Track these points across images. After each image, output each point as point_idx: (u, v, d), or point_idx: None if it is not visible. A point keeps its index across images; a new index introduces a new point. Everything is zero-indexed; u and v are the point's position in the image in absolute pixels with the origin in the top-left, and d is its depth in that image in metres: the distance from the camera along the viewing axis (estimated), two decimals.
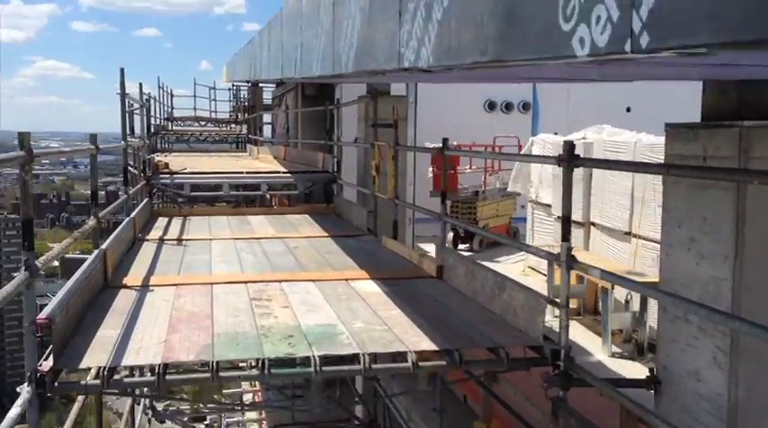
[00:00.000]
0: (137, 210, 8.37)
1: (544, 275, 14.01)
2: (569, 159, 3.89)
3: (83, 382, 3.54)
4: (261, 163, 13.27)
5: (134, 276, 5.66)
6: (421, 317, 4.49)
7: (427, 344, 3.96)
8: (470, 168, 18.90)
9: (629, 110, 21.05)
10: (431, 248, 7.66)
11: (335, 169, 10.89)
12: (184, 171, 10.90)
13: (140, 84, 9.98)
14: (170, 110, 29.38)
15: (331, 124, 16.69)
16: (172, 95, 30.46)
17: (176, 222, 9.30)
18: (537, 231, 14.34)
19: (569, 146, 3.94)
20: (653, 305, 8.74)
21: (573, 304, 10.63)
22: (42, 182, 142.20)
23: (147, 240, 7.66)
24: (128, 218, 7.47)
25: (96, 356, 3.66)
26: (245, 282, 5.47)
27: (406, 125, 9.91)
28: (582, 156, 5.05)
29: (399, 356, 3.85)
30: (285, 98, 20.10)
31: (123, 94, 9.55)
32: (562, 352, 3.65)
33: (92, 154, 5.84)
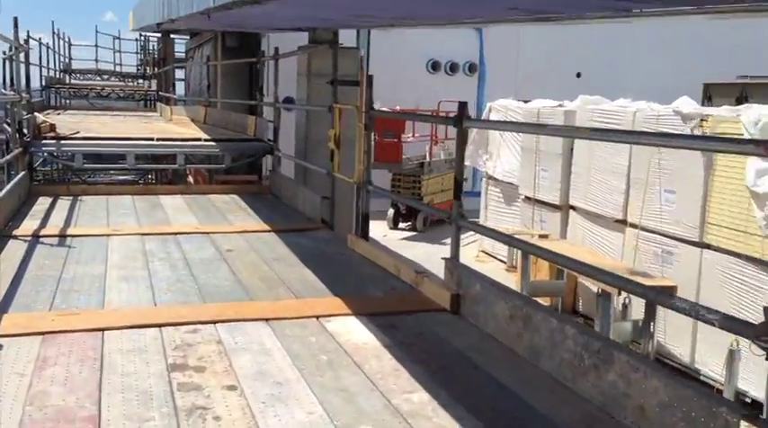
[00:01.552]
0: (5, 190, 6.07)
1: (501, 261, 12.48)
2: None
3: None
4: (176, 127, 10.94)
5: None
6: (472, 414, 2.63)
7: None
8: (413, 136, 17.08)
9: (579, 75, 19.75)
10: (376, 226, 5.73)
11: (272, 137, 8.79)
12: (75, 135, 8.51)
13: (15, 19, 7.52)
14: (67, 61, 26.05)
15: (258, 80, 14.43)
16: (70, 44, 27.10)
17: (62, 205, 7.02)
18: (494, 211, 12.72)
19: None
20: (666, 315, 7.28)
21: (546, 301, 9.08)
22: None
23: (15, 236, 5.41)
24: None
25: None
26: (159, 326, 3.43)
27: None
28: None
29: None
30: (201, 51, 17.54)
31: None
32: None
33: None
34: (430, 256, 12.57)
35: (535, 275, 9.17)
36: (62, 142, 8.11)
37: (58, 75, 22.11)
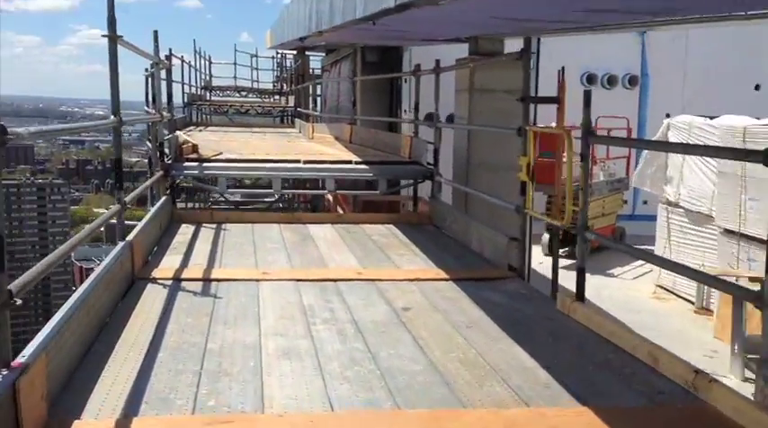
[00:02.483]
0: (141, 224, 5.29)
1: (686, 300, 10.67)
2: None
3: None
4: (320, 146, 10.11)
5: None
6: None
7: None
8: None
9: (758, 88, 17.39)
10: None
11: (431, 160, 7.68)
12: (218, 156, 7.79)
13: (155, 33, 6.96)
14: (208, 78, 26.46)
15: (399, 96, 13.45)
16: (210, 62, 27.56)
17: (205, 236, 6.22)
18: (677, 242, 11.00)
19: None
20: None
21: None
22: (88, 148, 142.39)
23: (155, 279, 4.57)
24: (119, 246, 4.40)
25: None
26: None
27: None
28: None
29: None
30: (339, 67, 16.90)
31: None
32: None
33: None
34: (599, 291, 11.03)
35: (746, 327, 7.50)
36: (205, 165, 7.38)
37: (199, 92, 22.32)
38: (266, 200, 13.55)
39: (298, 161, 7.85)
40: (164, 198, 6.81)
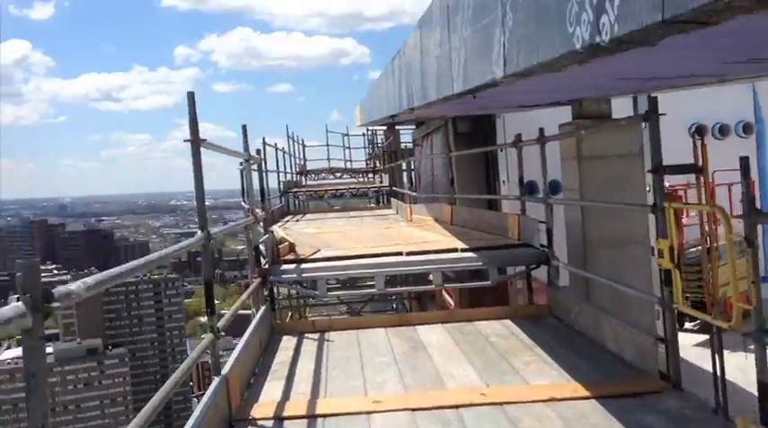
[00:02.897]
0: (238, 349, 4.85)
1: None
2: None
3: None
4: (420, 230, 9.58)
5: None
6: None
7: None
8: (686, 217, 14.32)
9: None
10: None
11: (545, 241, 6.97)
12: (316, 255, 7.38)
13: (243, 128, 6.75)
14: (302, 162, 26.86)
15: (496, 169, 12.85)
16: (304, 146, 28.05)
17: (308, 351, 5.72)
18: None
19: None
20: None
21: None
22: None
23: (253, 422, 4.05)
24: (214, 384, 3.94)
25: None
26: None
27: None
28: None
29: None
30: (430, 140, 16.56)
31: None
32: None
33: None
34: (746, 374, 9.77)
35: None
36: (303, 266, 6.97)
37: (294, 178, 22.57)
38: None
39: (399, 253, 7.33)
40: (262, 309, 6.41)
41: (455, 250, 7.34)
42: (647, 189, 7.90)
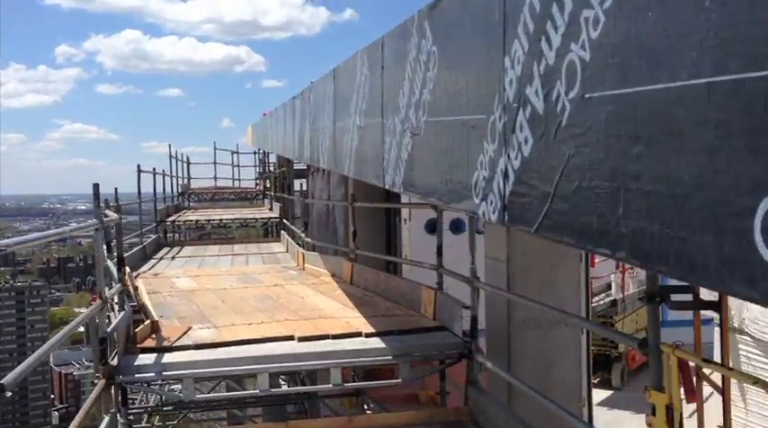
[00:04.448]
0: None
1: None
2: None
3: None
4: (314, 291, 8.18)
5: None
6: None
7: None
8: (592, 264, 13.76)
9: None
10: None
11: (468, 326, 5.77)
12: (182, 338, 5.83)
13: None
14: (186, 181, 24.81)
15: (397, 214, 11.78)
16: (189, 163, 26.01)
17: None
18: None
19: None
20: None
21: None
22: (69, 245, 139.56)
23: None
24: None
25: None
26: None
27: None
28: None
29: None
30: (326, 171, 15.23)
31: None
32: None
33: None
34: None
35: None
36: (166, 360, 5.41)
37: (176, 201, 20.59)
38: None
39: (290, 338, 5.91)
40: (105, 422, 4.81)
41: (359, 335, 6.01)
42: (581, 261, 6.99)
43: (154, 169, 15.88)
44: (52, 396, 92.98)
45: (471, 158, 2.59)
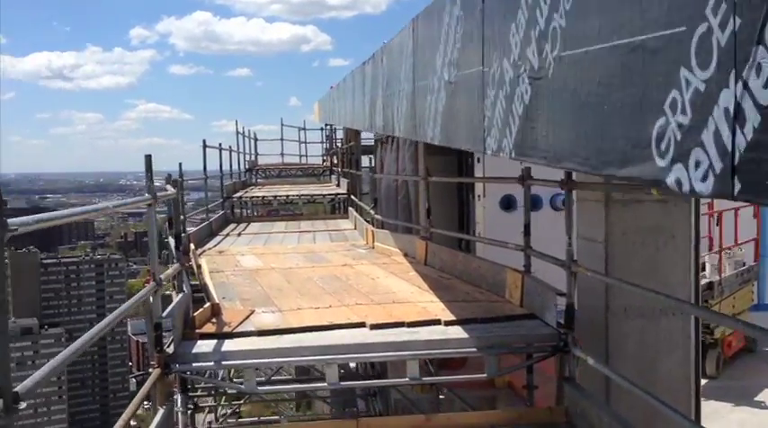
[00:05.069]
0: None
1: None
2: None
3: None
4: (386, 273, 7.58)
5: None
6: None
7: None
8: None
9: None
10: None
11: (565, 318, 5.04)
12: (244, 323, 5.32)
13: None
14: (253, 157, 24.60)
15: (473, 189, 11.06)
16: (256, 140, 25.81)
17: None
18: None
19: None
20: None
21: None
22: (144, 220, 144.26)
23: None
24: None
25: None
26: None
27: None
28: None
29: None
30: (395, 143, 14.56)
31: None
32: None
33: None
34: None
35: None
36: (225, 348, 4.90)
37: (243, 177, 20.37)
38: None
39: (361, 324, 5.33)
40: (160, 415, 4.36)
41: (437, 322, 5.37)
42: (692, 242, 6.14)
43: (220, 144, 15.57)
44: (130, 363, 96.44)
45: (650, 99, 1.83)
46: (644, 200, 5.69)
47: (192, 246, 9.78)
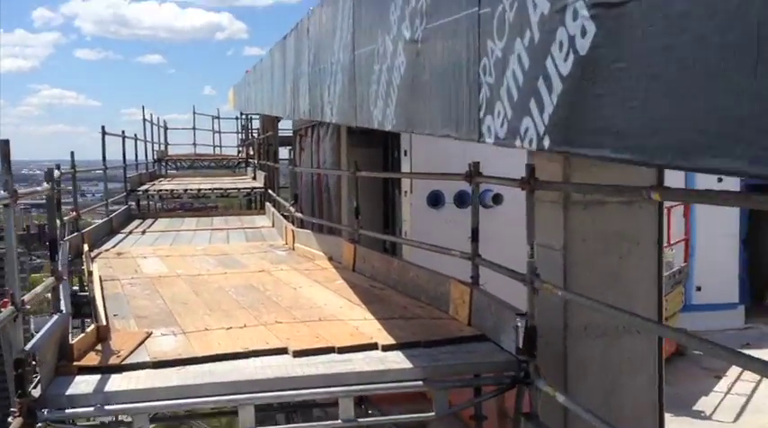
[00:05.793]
0: None
1: None
2: None
3: None
4: (310, 281, 6.65)
5: None
6: None
7: None
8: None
9: None
10: None
11: (523, 342, 4.27)
12: (138, 355, 4.30)
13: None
14: (163, 147, 23.08)
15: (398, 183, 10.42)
16: (166, 129, 24.28)
17: None
18: None
19: None
20: None
21: None
22: (44, 212, 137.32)
23: None
24: None
25: None
26: None
27: None
28: None
29: None
30: (315, 134, 13.63)
31: None
32: None
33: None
34: None
35: None
36: (109, 384, 3.87)
37: (152, 168, 18.90)
38: None
39: (284, 351, 4.42)
40: None
41: (374, 347, 4.52)
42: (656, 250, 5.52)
43: (123, 132, 14.17)
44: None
45: None
46: (606, 202, 5.02)
47: (87, 247, 8.56)
